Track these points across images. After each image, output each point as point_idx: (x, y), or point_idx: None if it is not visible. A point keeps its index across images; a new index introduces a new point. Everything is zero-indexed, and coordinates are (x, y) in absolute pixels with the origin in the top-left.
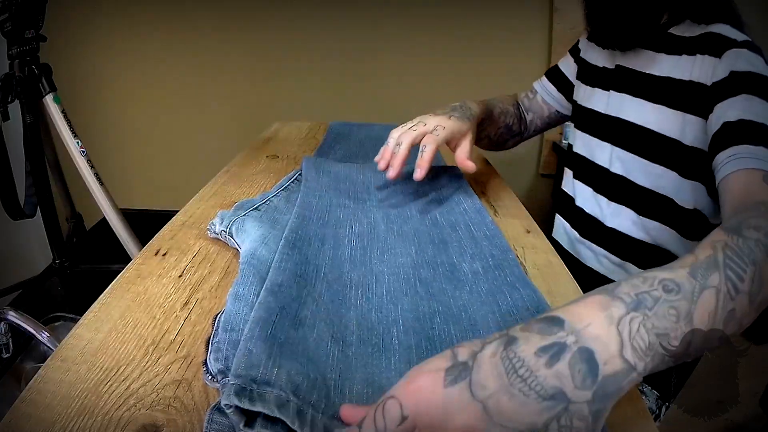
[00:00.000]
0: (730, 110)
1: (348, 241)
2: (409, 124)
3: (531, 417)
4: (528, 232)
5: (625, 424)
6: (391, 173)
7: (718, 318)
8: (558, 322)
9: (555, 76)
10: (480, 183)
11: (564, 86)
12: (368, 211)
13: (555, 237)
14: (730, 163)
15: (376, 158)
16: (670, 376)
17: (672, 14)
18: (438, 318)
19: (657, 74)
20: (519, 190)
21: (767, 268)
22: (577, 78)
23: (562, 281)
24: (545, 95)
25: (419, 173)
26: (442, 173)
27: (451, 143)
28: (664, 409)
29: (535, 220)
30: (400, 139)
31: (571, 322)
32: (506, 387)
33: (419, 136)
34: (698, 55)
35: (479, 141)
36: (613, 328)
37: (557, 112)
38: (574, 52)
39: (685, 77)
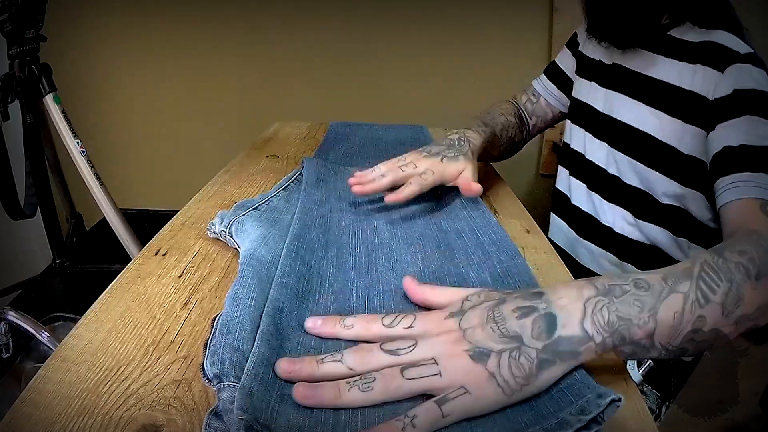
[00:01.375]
0: (732, 133)
1: (351, 249)
2: (400, 162)
3: (491, 344)
4: (528, 232)
5: (625, 424)
6: (357, 189)
7: (685, 320)
8: (539, 295)
9: (554, 73)
10: (480, 183)
11: (564, 84)
12: (370, 216)
13: (551, 237)
14: (730, 190)
15: (351, 180)
16: (670, 376)
17: (672, 15)
18: None
19: (655, 77)
20: (519, 190)
21: (747, 289)
22: (576, 73)
23: (563, 281)
24: (548, 96)
25: (391, 198)
26: None
27: (447, 182)
28: (664, 408)
29: (535, 220)
30: (386, 173)
31: (549, 295)
32: (483, 324)
33: (406, 177)
34: (699, 65)
35: (480, 161)
36: (579, 303)
37: (561, 113)
38: (572, 45)
39: (685, 86)
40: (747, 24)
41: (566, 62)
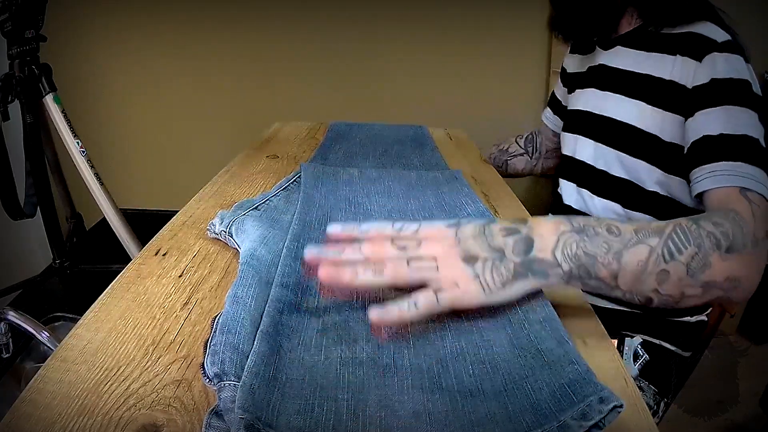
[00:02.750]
0: (711, 122)
1: None
2: None
3: (478, 251)
4: None
5: (622, 420)
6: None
7: (648, 270)
8: (524, 222)
9: (552, 100)
10: (480, 183)
11: (558, 109)
12: (370, 217)
13: None
14: (710, 179)
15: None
16: (670, 374)
17: (646, 19)
18: (449, 334)
19: (638, 71)
20: (519, 190)
21: (714, 258)
22: (569, 93)
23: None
24: (545, 120)
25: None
26: (443, 176)
27: None
28: (662, 405)
29: None
30: None
31: (531, 223)
32: (474, 236)
33: None
34: (678, 56)
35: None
36: (554, 236)
37: (558, 133)
38: (563, 73)
39: (665, 76)
40: (747, 24)
41: (559, 89)
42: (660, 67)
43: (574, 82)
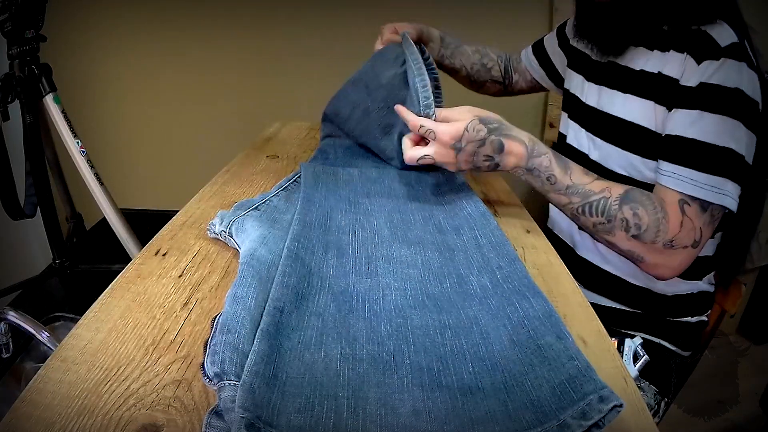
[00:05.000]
0: (687, 125)
1: (352, 251)
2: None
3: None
4: (528, 232)
5: (622, 420)
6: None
7: (567, 210)
8: (500, 150)
9: (539, 51)
10: (480, 183)
11: (546, 64)
12: (370, 216)
13: (550, 226)
14: (669, 177)
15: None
16: (670, 375)
17: (664, 19)
18: (449, 332)
19: (648, 70)
20: (519, 190)
21: (619, 233)
22: (569, 66)
23: (562, 281)
24: (528, 66)
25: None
26: (443, 176)
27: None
28: (662, 405)
29: (535, 220)
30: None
31: (503, 155)
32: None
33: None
34: (686, 54)
35: (456, 73)
36: (512, 166)
37: (537, 83)
38: (562, 37)
39: (674, 74)
40: (748, 23)
41: (552, 47)
42: (669, 66)
43: (577, 59)
